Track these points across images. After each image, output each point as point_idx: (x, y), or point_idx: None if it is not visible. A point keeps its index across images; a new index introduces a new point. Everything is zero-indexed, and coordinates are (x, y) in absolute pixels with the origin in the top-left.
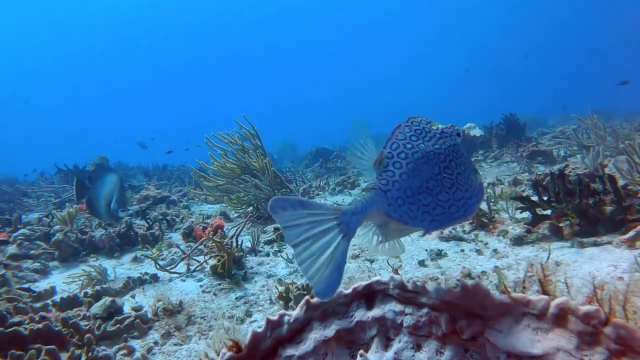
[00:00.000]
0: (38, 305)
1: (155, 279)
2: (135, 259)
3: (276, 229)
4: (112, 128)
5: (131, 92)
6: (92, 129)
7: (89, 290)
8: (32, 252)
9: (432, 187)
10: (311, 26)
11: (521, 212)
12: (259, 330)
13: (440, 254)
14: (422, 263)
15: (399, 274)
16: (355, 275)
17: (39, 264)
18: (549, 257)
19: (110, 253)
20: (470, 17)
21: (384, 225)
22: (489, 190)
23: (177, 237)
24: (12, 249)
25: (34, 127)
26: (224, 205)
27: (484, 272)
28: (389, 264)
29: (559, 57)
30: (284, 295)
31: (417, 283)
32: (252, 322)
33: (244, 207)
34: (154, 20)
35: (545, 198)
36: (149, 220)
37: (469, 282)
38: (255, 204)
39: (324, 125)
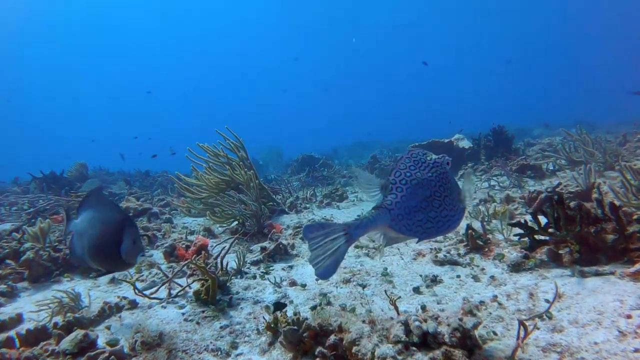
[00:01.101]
0: (1, 337)
1: (133, 305)
2: (113, 281)
3: (263, 249)
4: (91, 131)
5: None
6: (71, 134)
7: (60, 320)
8: None
9: (424, 206)
10: (300, 29)
11: (519, 238)
12: None
13: (435, 280)
14: (417, 290)
15: (396, 306)
16: (347, 302)
17: (5, 286)
18: (555, 299)
19: (86, 272)
20: (454, 24)
21: (387, 233)
22: (481, 209)
23: (158, 255)
24: None
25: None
26: (206, 219)
27: (482, 302)
28: (386, 295)
29: (539, 67)
30: (272, 326)
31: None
32: (238, 355)
33: (229, 221)
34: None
35: (543, 223)
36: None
37: (470, 321)
38: (241, 221)
39: (310, 130)
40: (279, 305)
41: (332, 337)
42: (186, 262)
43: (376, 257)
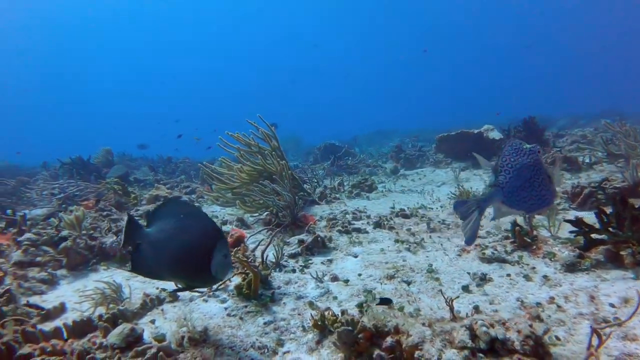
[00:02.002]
0: (48, 329)
1: (174, 297)
2: None
3: (300, 241)
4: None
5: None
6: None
7: (104, 313)
8: (39, 259)
9: (527, 186)
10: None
11: (574, 236)
12: None
13: (484, 279)
14: (466, 288)
15: (452, 306)
16: (393, 300)
17: (46, 274)
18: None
19: (122, 262)
20: (474, 14)
21: (499, 208)
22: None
23: None
24: (17, 255)
25: (36, 117)
26: (236, 208)
27: (538, 304)
28: (441, 295)
29: (559, 53)
30: (319, 323)
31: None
32: (285, 353)
33: (260, 211)
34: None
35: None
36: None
37: (540, 327)
38: (274, 211)
39: (326, 118)
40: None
41: (389, 339)
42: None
43: (418, 252)
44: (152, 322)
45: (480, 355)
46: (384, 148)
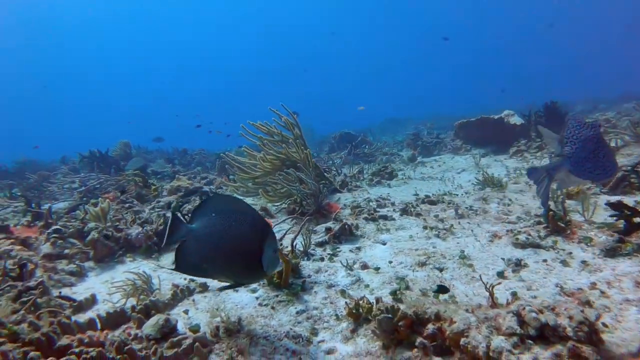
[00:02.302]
0: (83, 320)
1: (204, 287)
2: None
3: (328, 229)
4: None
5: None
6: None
7: (136, 304)
8: (67, 251)
9: (591, 157)
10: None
11: (616, 219)
12: None
13: (519, 264)
14: (501, 274)
15: (493, 292)
16: (426, 286)
17: (74, 266)
18: None
19: (147, 253)
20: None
21: (565, 178)
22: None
23: None
24: (46, 247)
25: (49, 112)
26: (257, 198)
27: (579, 290)
28: (481, 281)
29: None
30: (354, 311)
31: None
32: (319, 342)
33: (282, 200)
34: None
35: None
36: (185, 216)
37: (592, 313)
38: (299, 200)
39: (336, 109)
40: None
41: (430, 327)
42: None
43: (448, 238)
44: (186, 312)
45: (530, 342)
46: (398, 136)
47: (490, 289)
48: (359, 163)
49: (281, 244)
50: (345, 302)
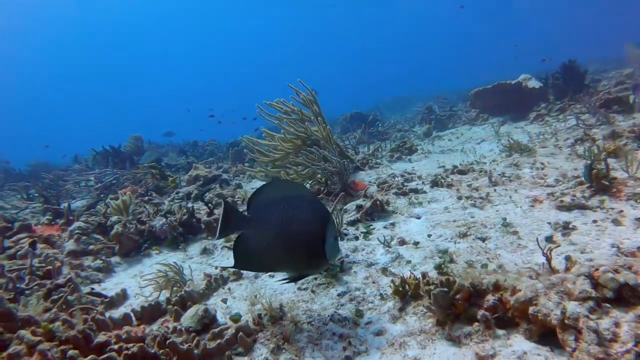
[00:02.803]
0: (117, 316)
1: (238, 275)
2: (205, 251)
3: (359, 207)
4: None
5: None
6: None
7: (171, 296)
8: (91, 247)
9: None
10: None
11: None
12: None
13: (568, 227)
14: (550, 239)
15: (551, 257)
16: (472, 258)
17: (100, 262)
18: None
19: (173, 244)
20: None
21: None
22: (592, 147)
23: None
24: (70, 244)
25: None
26: None
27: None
28: (537, 244)
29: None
30: (400, 289)
31: None
32: (367, 324)
33: (305, 181)
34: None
35: None
36: (209, 204)
37: None
38: (324, 179)
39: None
40: None
41: (491, 298)
42: None
43: (486, 207)
44: (224, 301)
45: (607, 305)
46: (408, 113)
47: (548, 253)
48: (373, 142)
49: None
50: (392, 280)
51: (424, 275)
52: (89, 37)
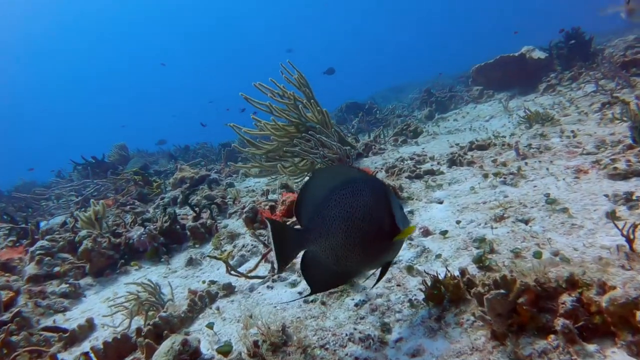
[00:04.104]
0: (73, 357)
1: (229, 289)
2: (191, 262)
3: None
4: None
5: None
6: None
7: (143, 323)
8: (57, 269)
9: None
10: None
11: None
12: None
13: (631, 199)
14: (612, 215)
15: (634, 239)
16: (516, 244)
17: (67, 285)
18: None
19: (154, 257)
20: None
21: None
22: (630, 108)
23: (235, 224)
24: (31, 268)
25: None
26: (273, 177)
27: None
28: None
29: None
30: (435, 292)
31: None
32: (397, 341)
33: (304, 174)
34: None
35: None
36: (195, 208)
37: None
38: (324, 166)
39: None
40: None
41: (567, 299)
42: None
43: (519, 183)
44: (210, 326)
45: None
46: (404, 101)
47: (630, 233)
48: (373, 129)
49: None
50: (422, 281)
51: (463, 272)
52: (75, 46)
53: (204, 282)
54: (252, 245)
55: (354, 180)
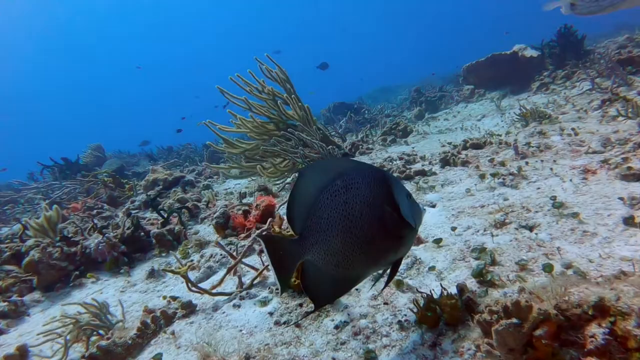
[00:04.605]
0: None
1: (189, 308)
2: (152, 275)
3: None
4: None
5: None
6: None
7: (79, 355)
8: None
9: None
10: None
11: None
12: None
13: None
14: (629, 221)
15: None
16: (521, 255)
17: (6, 304)
18: None
19: (114, 267)
20: None
21: None
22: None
23: (206, 230)
24: None
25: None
26: (254, 179)
27: None
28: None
29: None
30: (428, 314)
31: None
32: None
33: (285, 175)
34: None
35: None
36: (162, 212)
37: None
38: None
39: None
40: None
41: (598, 331)
42: (260, 230)
43: (520, 185)
44: (157, 357)
45: None
46: (394, 102)
47: None
48: (361, 129)
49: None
50: (415, 300)
51: (461, 289)
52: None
53: (164, 297)
54: (221, 254)
55: (345, 172)
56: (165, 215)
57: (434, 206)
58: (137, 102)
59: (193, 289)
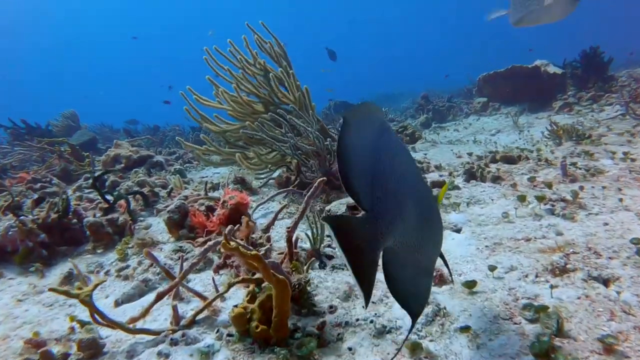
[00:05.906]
0: None
1: (92, 350)
2: (69, 280)
3: (351, 208)
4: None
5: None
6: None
7: None
8: None
9: None
10: None
11: None
12: None
13: None
14: None
15: None
16: (596, 323)
17: None
18: None
19: (25, 261)
20: None
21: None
22: None
23: (159, 226)
24: None
25: None
26: (235, 168)
27: None
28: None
29: None
30: None
31: None
32: None
33: (269, 168)
34: None
35: None
36: (108, 196)
37: None
38: (296, 163)
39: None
40: None
41: None
42: (213, 242)
43: (577, 215)
44: None
45: None
46: (396, 109)
47: None
48: None
49: (268, 240)
50: None
51: None
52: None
53: (72, 318)
54: (167, 264)
55: (384, 123)
56: (112, 200)
57: (459, 230)
58: (129, 74)
59: (102, 321)
